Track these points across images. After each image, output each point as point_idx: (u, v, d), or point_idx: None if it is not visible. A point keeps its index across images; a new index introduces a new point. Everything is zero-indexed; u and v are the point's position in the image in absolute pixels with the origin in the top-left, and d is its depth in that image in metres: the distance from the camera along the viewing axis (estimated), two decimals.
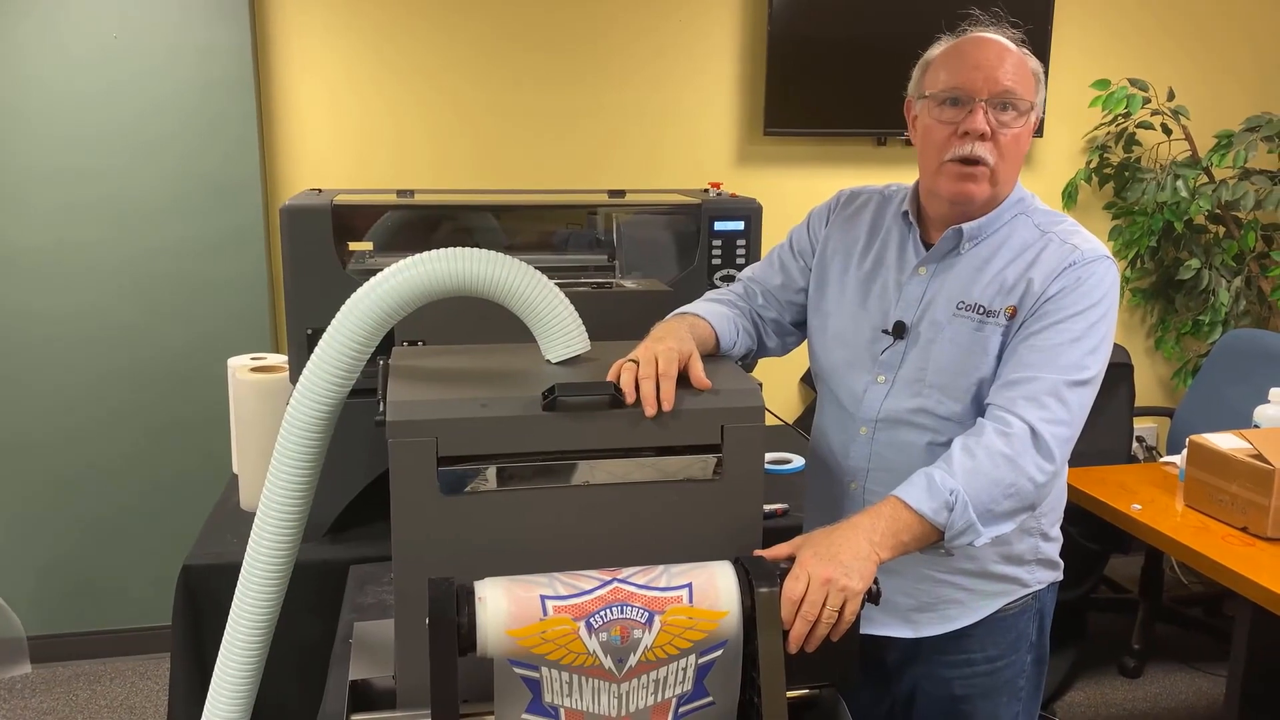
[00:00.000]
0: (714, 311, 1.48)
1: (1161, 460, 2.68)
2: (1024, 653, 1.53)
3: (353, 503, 1.97)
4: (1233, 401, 2.94)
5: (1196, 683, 2.99)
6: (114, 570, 3.02)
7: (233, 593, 1.38)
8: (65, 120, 2.77)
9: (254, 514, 2.05)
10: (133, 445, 2.97)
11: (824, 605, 1.10)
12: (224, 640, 1.39)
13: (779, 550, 1.17)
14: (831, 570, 1.12)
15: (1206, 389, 3.14)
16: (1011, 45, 1.39)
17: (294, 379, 1.96)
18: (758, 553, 1.16)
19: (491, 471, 1.15)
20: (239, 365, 2.17)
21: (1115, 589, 3.41)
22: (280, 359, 2.29)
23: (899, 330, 1.44)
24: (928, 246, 1.46)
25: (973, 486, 1.24)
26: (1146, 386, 3.69)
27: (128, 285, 2.88)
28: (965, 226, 1.41)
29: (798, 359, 3.54)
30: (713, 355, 1.41)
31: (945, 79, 1.37)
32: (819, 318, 1.55)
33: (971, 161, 1.36)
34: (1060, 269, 1.36)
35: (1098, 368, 1.34)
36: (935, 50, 1.43)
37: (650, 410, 1.16)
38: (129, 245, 2.86)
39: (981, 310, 1.39)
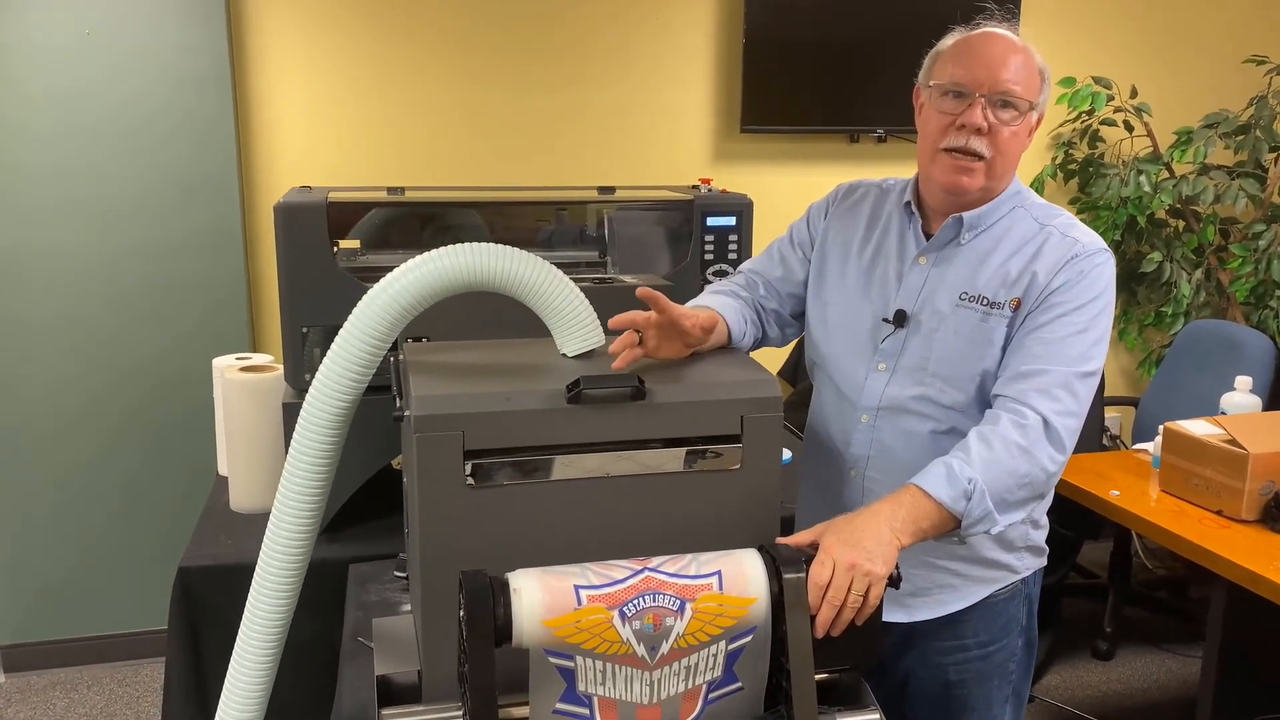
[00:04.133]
0: (723, 304, 1.50)
1: (1134, 447, 2.75)
2: (1015, 637, 1.57)
3: (345, 502, 1.96)
4: (1195, 390, 3.03)
5: (1166, 663, 3.08)
6: (90, 576, 2.97)
7: (231, 595, 1.38)
8: (36, 118, 2.72)
9: (247, 516, 2.06)
10: (107, 449, 2.92)
11: (849, 590, 1.13)
12: (237, 643, 1.37)
13: (801, 537, 1.20)
14: (856, 556, 1.14)
15: (1170, 378, 3.23)
16: (1018, 42, 1.42)
17: (289, 377, 1.95)
18: (780, 540, 1.19)
19: (517, 464, 1.16)
20: (226, 365, 2.15)
21: (1085, 574, 3.50)
22: (265, 358, 2.27)
23: (900, 319, 1.47)
24: (928, 237, 1.49)
25: (989, 476, 1.27)
26: (1111, 377, 3.79)
27: (102, 286, 2.83)
28: (965, 216, 1.44)
29: (773, 354, 3.58)
30: (724, 347, 1.43)
31: (951, 71, 1.41)
32: (819, 307, 1.58)
33: (967, 153, 1.40)
34: (1063, 262, 1.39)
35: (1102, 358, 1.38)
36: (947, 41, 1.46)
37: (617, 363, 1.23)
38: (103, 245, 2.81)
39: (986, 302, 1.42)
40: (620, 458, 1.19)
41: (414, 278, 1.24)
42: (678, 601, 1.07)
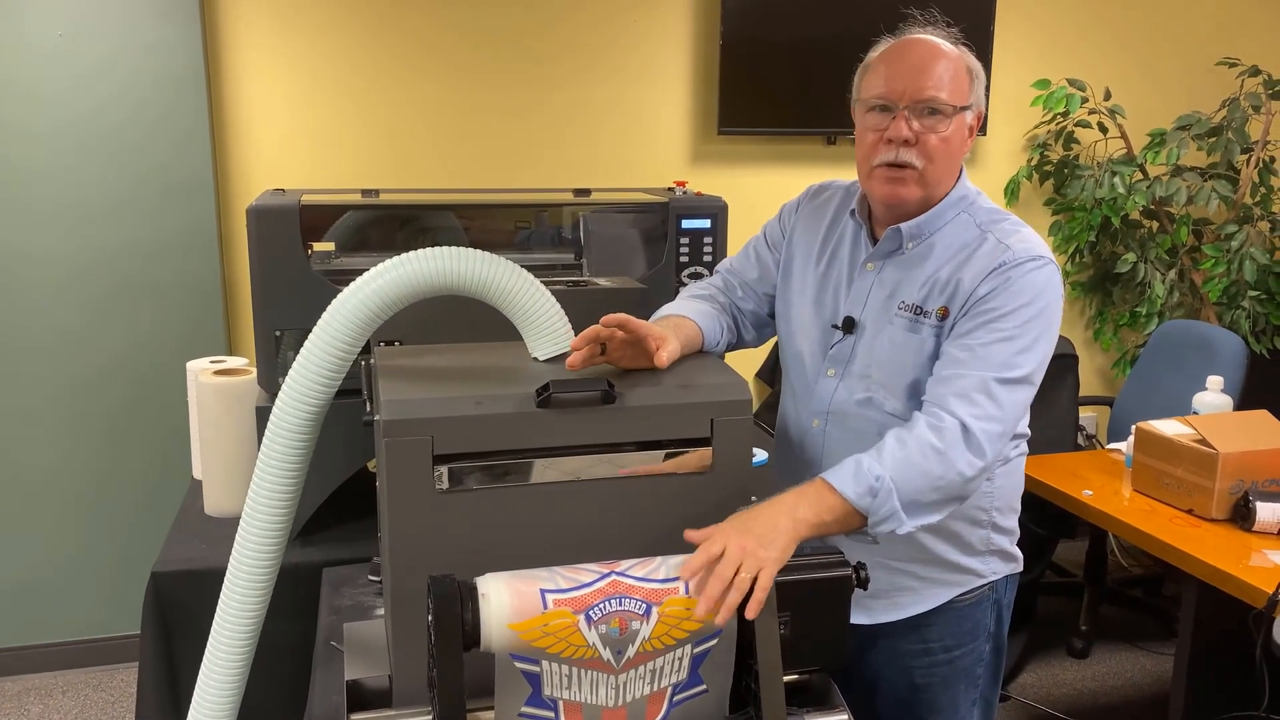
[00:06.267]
0: (698, 310, 1.50)
1: (1108, 447, 2.77)
2: (982, 642, 1.56)
3: (322, 505, 1.95)
4: (1169, 389, 3.06)
5: (1141, 661, 3.11)
6: (65, 580, 2.94)
7: (205, 600, 1.37)
8: (7, 119, 2.69)
9: (221, 520, 2.05)
10: (81, 452, 2.90)
11: (739, 569, 1.10)
12: (208, 648, 1.37)
13: (706, 531, 1.17)
14: (746, 540, 1.13)
15: (1144, 378, 3.26)
16: (944, 45, 1.40)
17: (262, 381, 1.94)
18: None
19: (487, 469, 1.16)
20: (200, 369, 2.14)
21: (1061, 573, 3.52)
22: (240, 362, 2.25)
23: (848, 325, 1.47)
24: (876, 244, 1.49)
25: (900, 475, 1.26)
26: (1086, 377, 3.82)
27: (78, 288, 2.81)
28: (904, 226, 1.44)
29: (751, 356, 3.57)
30: (698, 352, 1.44)
31: (874, 85, 1.41)
32: (784, 307, 1.59)
33: (898, 166, 1.39)
34: (989, 270, 1.37)
35: (1031, 366, 1.35)
36: (872, 54, 1.46)
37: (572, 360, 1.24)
38: (78, 248, 2.79)
39: (917, 310, 1.41)
40: (591, 461, 1.20)
41: (383, 283, 1.24)
42: (644, 605, 1.08)
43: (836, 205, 1.57)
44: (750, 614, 1.09)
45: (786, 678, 1.16)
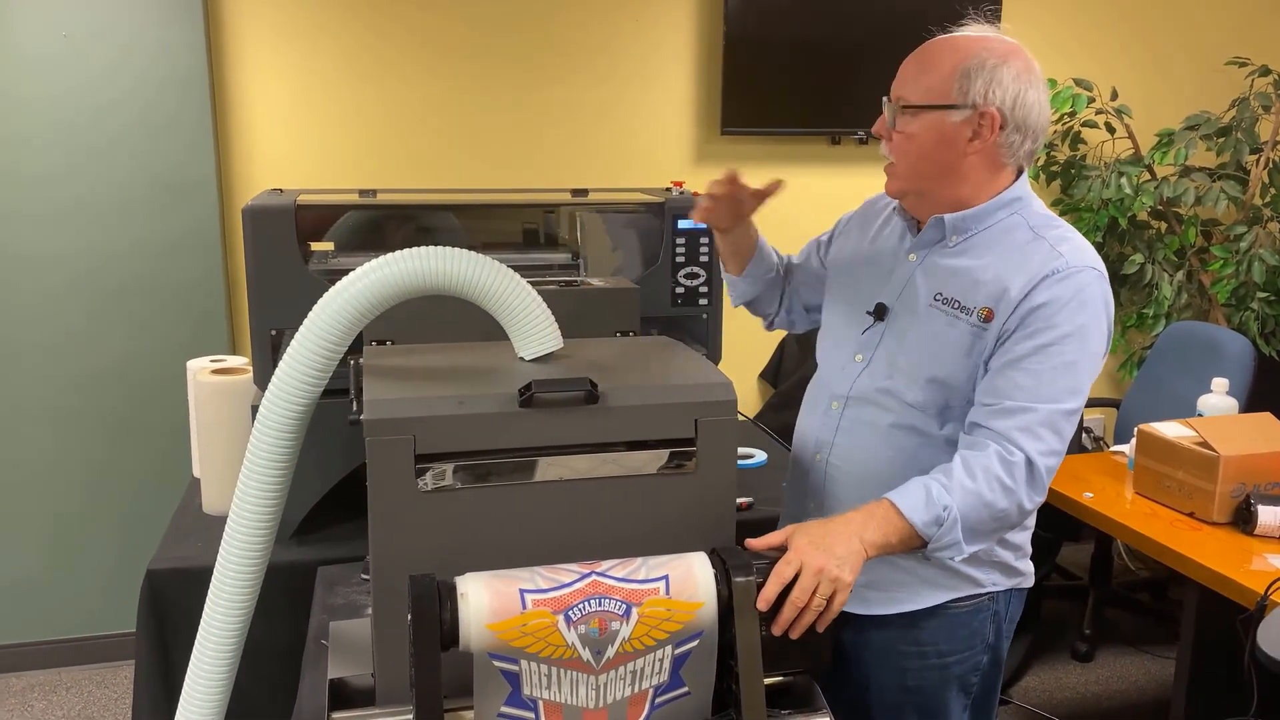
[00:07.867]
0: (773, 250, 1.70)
1: (1110, 450, 2.75)
2: (979, 652, 1.55)
3: (317, 504, 1.96)
4: (1176, 391, 3.04)
5: (1145, 665, 3.09)
6: (67, 577, 2.97)
7: (199, 597, 1.38)
8: (13, 122, 2.72)
9: (218, 518, 2.06)
10: (85, 450, 2.92)
11: (814, 593, 1.13)
12: (196, 646, 1.37)
13: (771, 539, 1.20)
14: (824, 560, 1.15)
15: (1151, 380, 3.24)
16: (947, 43, 1.41)
17: (258, 380, 1.95)
18: (750, 542, 1.19)
19: (469, 468, 1.16)
20: (199, 367, 2.15)
21: (1066, 576, 3.50)
22: (240, 361, 2.27)
23: (880, 312, 1.49)
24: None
25: (966, 505, 1.28)
26: None
27: (82, 288, 2.83)
28: (947, 217, 1.44)
29: (755, 357, 3.56)
30: (684, 351, 1.43)
31: None
32: (827, 298, 1.65)
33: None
34: (1041, 276, 1.35)
35: (1088, 388, 1.36)
36: None
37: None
38: (82, 248, 2.81)
39: (956, 305, 1.41)
40: (573, 461, 1.19)
41: (368, 283, 1.24)
42: (624, 606, 1.07)
43: (890, 207, 1.59)
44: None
45: (769, 680, 1.15)
